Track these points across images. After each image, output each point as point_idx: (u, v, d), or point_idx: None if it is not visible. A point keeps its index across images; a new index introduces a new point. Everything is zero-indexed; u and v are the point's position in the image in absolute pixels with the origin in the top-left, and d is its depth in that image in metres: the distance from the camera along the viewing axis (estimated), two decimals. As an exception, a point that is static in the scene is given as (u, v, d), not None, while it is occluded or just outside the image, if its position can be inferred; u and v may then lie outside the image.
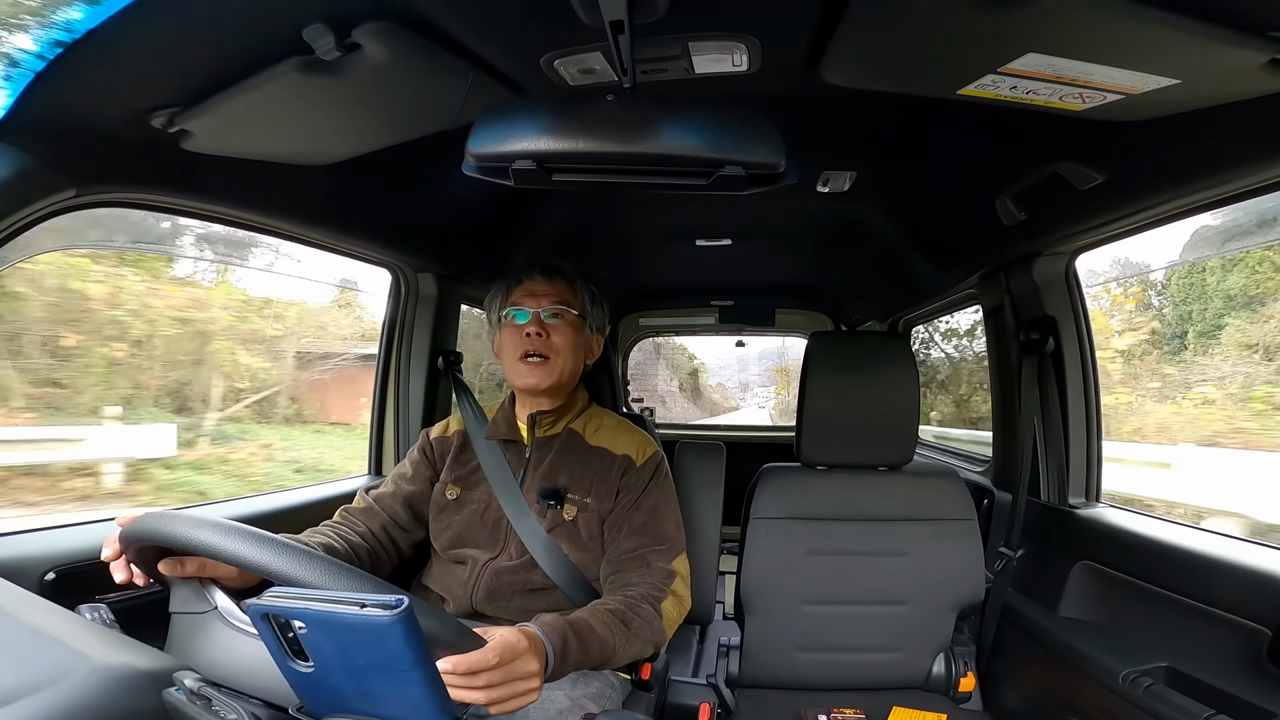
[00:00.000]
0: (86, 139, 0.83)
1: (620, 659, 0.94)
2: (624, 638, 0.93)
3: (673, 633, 1.08)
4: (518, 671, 0.68)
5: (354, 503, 1.18)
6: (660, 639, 1.02)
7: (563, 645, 0.81)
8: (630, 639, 0.95)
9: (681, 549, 1.12)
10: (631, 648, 0.95)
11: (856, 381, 1.36)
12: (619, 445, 1.16)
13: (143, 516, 0.69)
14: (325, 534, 1.08)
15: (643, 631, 0.97)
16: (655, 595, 1.03)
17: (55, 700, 0.52)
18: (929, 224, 1.67)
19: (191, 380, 3.76)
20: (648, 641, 0.99)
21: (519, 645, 0.69)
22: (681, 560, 1.10)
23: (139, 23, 0.66)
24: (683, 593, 1.08)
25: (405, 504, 1.16)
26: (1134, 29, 0.67)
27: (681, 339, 7.81)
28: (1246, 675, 0.91)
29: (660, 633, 1.01)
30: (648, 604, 1.01)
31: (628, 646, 0.94)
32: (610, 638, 0.91)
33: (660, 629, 1.01)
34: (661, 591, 1.04)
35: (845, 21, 0.74)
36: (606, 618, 0.93)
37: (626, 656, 0.95)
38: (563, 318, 1.14)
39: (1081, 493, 1.40)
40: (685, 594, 1.09)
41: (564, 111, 0.73)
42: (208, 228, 1.47)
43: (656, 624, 1.01)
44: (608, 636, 0.90)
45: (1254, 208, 1.13)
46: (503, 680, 0.66)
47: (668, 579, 1.06)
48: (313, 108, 0.89)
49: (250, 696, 0.62)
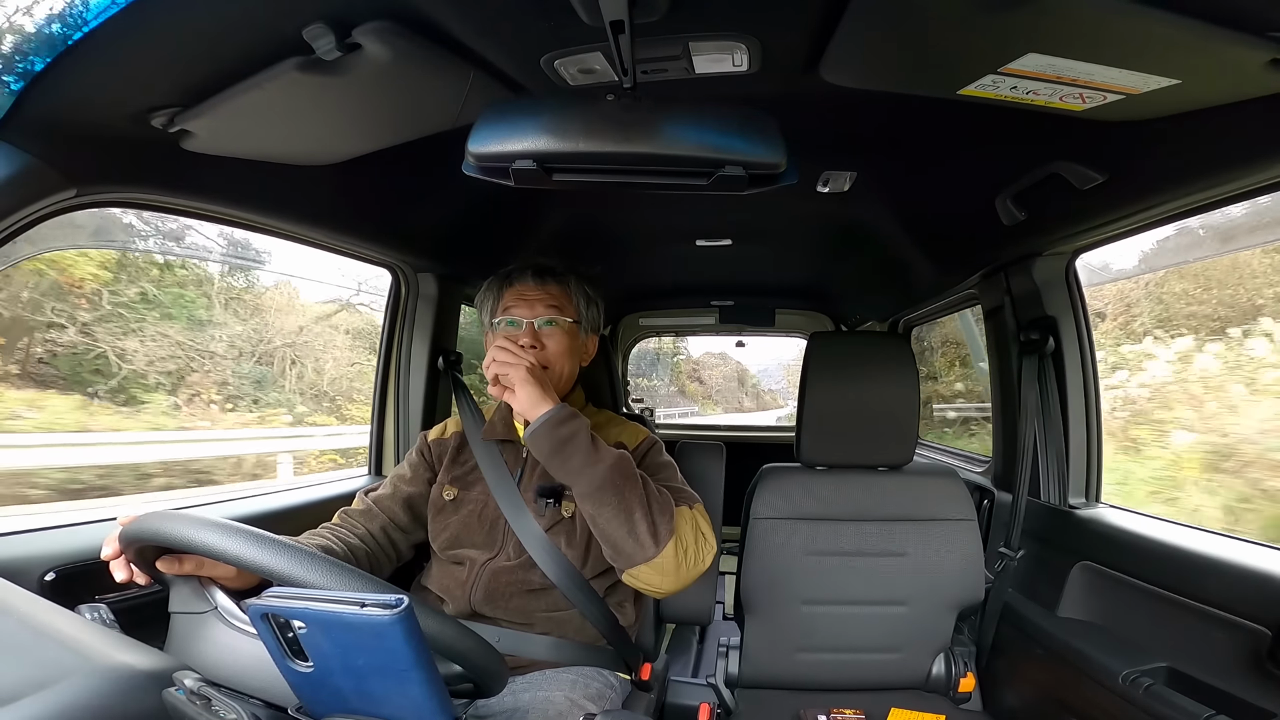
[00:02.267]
0: (86, 139, 0.83)
1: (611, 483, 0.91)
2: (627, 473, 0.93)
3: (685, 563, 0.95)
4: (514, 365, 0.96)
5: (353, 505, 1.18)
6: (662, 529, 0.93)
7: (574, 413, 0.94)
8: (634, 485, 0.93)
9: (696, 500, 1.06)
10: (627, 492, 0.92)
11: (857, 382, 1.36)
12: (611, 437, 1.16)
13: (143, 516, 0.69)
14: (323, 536, 1.07)
15: (650, 496, 0.94)
16: (679, 500, 1.00)
17: (55, 700, 0.52)
18: (929, 224, 1.67)
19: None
20: (649, 513, 0.93)
21: (534, 368, 0.97)
22: (701, 508, 1.05)
23: (139, 23, 0.66)
24: (704, 527, 1.00)
25: (404, 505, 1.16)
26: (1134, 29, 0.67)
27: (728, 350, 8.15)
28: (1246, 675, 0.90)
29: (666, 519, 0.94)
30: (669, 497, 0.98)
31: (626, 481, 0.92)
32: (616, 458, 0.93)
33: (669, 515, 0.95)
34: (685, 503, 1.01)
35: (845, 21, 0.74)
36: (622, 460, 0.95)
37: (616, 499, 0.91)
38: (557, 325, 1.13)
39: (1081, 493, 1.40)
40: (708, 530, 1.00)
41: (564, 111, 0.73)
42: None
43: (669, 508, 0.96)
44: (613, 454, 0.93)
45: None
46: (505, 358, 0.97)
47: (692, 500, 1.03)
48: (313, 108, 0.89)
49: (250, 696, 0.62)
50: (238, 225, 1.17)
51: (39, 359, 3.94)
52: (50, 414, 3.83)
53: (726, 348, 13.08)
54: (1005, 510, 1.47)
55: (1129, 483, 2.03)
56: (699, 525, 1.00)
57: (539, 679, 1.02)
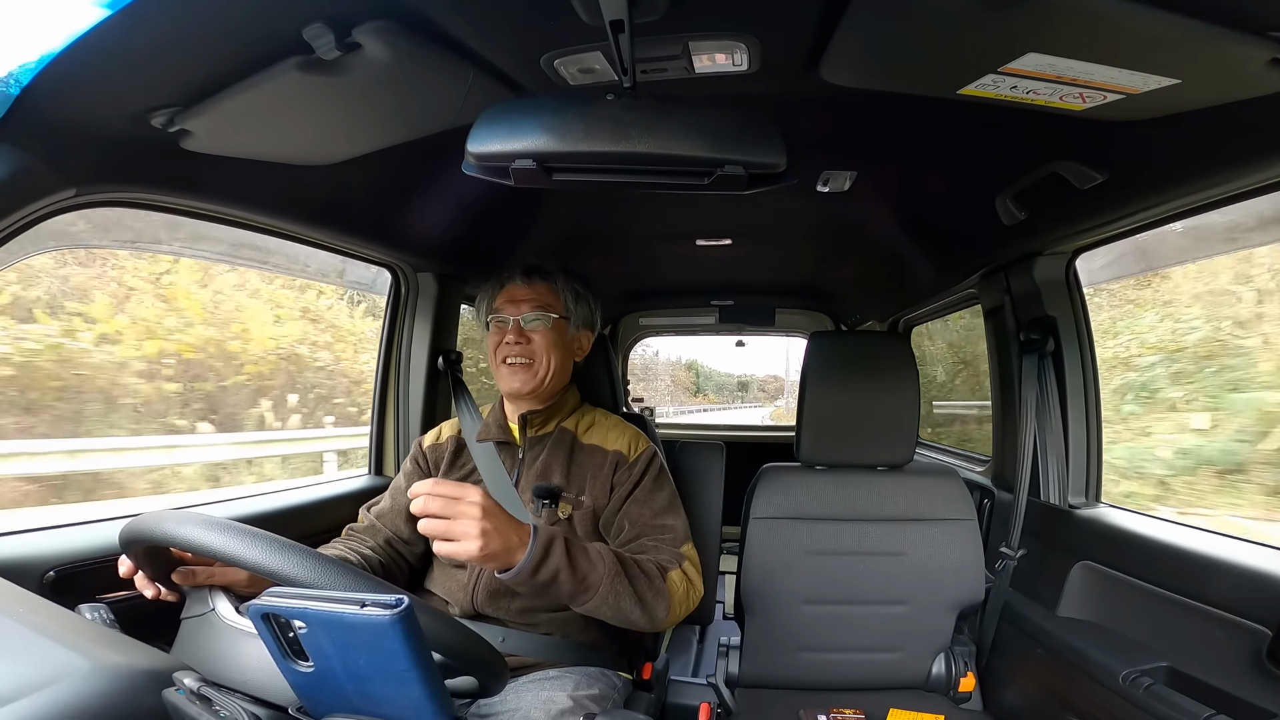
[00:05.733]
0: (86, 139, 0.83)
1: (604, 600, 0.90)
2: (615, 579, 0.91)
3: (680, 614, 1.01)
4: (463, 512, 0.77)
5: (358, 521, 1.20)
6: (659, 609, 0.96)
7: (549, 542, 0.86)
8: (623, 585, 0.92)
9: (688, 538, 1.10)
10: (621, 596, 0.91)
11: (856, 381, 1.36)
12: (610, 442, 1.16)
13: (140, 516, 0.69)
14: (338, 548, 1.10)
15: (640, 587, 0.94)
16: (664, 564, 1.01)
17: (55, 700, 0.52)
18: (929, 224, 1.67)
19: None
20: (642, 602, 0.94)
21: (486, 502, 0.79)
22: (690, 548, 1.08)
23: (139, 23, 0.66)
24: (693, 575, 1.04)
25: (404, 518, 1.17)
26: (1134, 29, 0.67)
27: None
28: (1247, 675, 0.90)
29: (660, 598, 0.96)
30: (655, 567, 0.99)
31: (617, 590, 0.91)
32: (601, 568, 0.90)
33: (662, 593, 0.97)
34: (671, 564, 1.02)
35: (845, 21, 0.74)
36: (605, 553, 0.93)
37: (613, 603, 0.91)
38: (543, 321, 1.15)
39: (1082, 492, 1.40)
40: (696, 578, 1.05)
41: (564, 111, 0.73)
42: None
43: (658, 586, 0.97)
44: (599, 565, 0.90)
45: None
46: (443, 509, 0.77)
47: (678, 558, 1.04)
48: (313, 108, 0.89)
49: (250, 696, 0.62)
50: (238, 225, 1.17)
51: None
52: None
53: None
54: (1005, 510, 1.47)
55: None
56: (689, 580, 1.03)
57: (541, 679, 1.02)
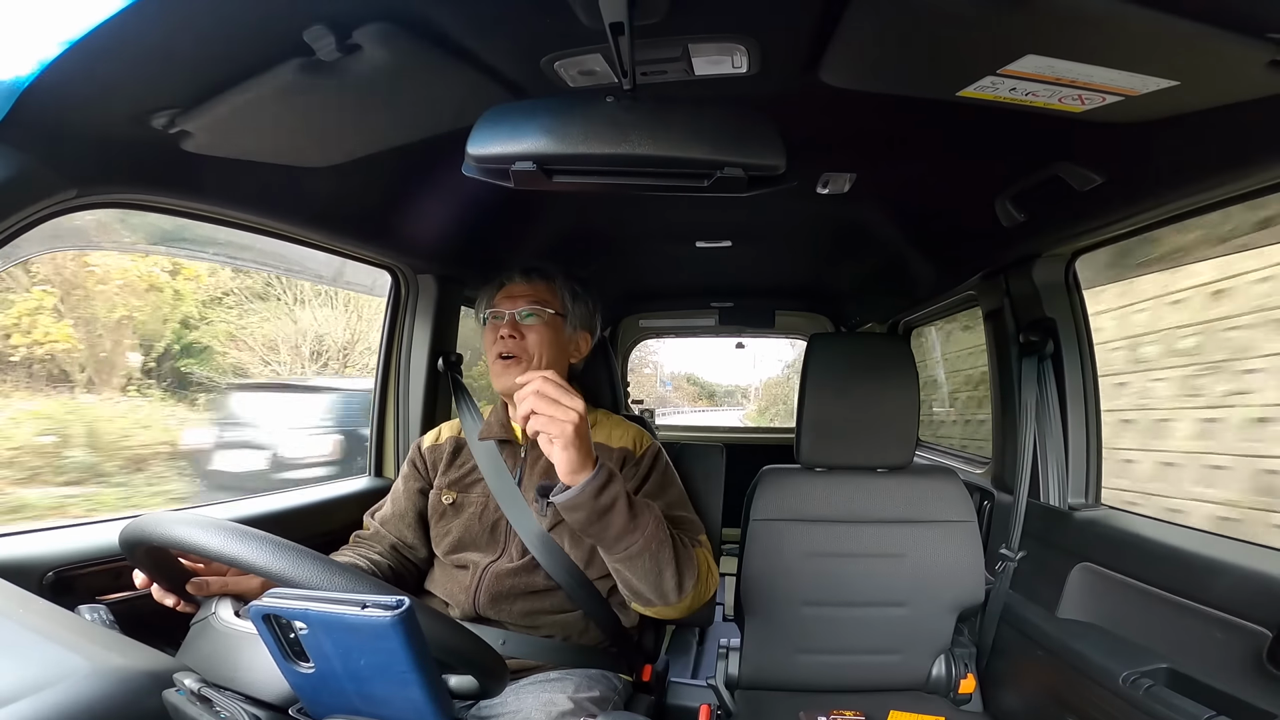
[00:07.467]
0: (87, 139, 0.83)
1: (646, 547, 0.89)
2: (660, 528, 0.91)
3: (701, 596, 0.99)
4: (563, 399, 0.80)
5: (363, 529, 1.20)
6: (688, 579, 0.95)
7: (612, 473, 0.85)
8: (665, 539, 0.92)
9: (702, 531, 1.10)
10: (663, 548, 0.91)
11: (856, 383, 1.36)
12: (615, 439, 1.16)
13: (140, 518, 0.69)
14: (348, 555, 1.11)
15: (678, 549, 0.94)
16: (687, 539, 1.02)
17: (55, 700, 0.52)
18: (929, 226, 1.67)
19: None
20: (678, 564, 0.93)
21: (579, 402, 0.82)
22: (705, 539, 1.08)
23: (139, 23, 0.66)
24: (711, 562, 1.04)
25: (407, 523, 1.18)
26: (1133, 30, 0.67)
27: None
28: (1247, 676, 0.90)
29: (691, 568, 0.96)
30: (690, 548, 0.99)
31: (660, 539, 0.90)
32: (649, 516, 0.89)
33: (693, 563, 0.96)
34: (694, 541, 1.03)
35: (845, 22, 0.74)
36: (653, 505, 0.93)
37: (654, 552, 0.90)
38: (538, 317, 1.15)
39: (1082, 494, 1.40)
40: (713, 563, 1.05)
41: (564, 113, 0.73)
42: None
43: (691, 555, 0.97)
44: (648, 512, 0.90)
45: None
46: (542, 407, 0.80)
47: (698, 543, 1.05)
48: (313, 109, 0.89)
49: (251, 697, 0.62)
50: (238, 226, 1.17)
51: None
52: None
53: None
54: (1005, 511, 1.47)
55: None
56: (709, 563, 1.03)
57: (541, 680, 1.02)
